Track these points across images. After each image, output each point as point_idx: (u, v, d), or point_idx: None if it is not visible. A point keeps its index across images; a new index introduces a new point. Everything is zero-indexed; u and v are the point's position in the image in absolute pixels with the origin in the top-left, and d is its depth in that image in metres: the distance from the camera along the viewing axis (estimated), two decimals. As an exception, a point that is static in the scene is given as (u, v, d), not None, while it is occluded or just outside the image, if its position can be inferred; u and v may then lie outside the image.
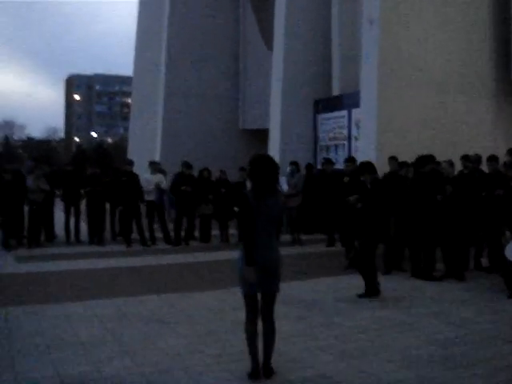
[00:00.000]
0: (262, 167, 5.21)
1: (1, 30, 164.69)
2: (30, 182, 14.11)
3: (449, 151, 11.91)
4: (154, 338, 6.51)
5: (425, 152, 10.48)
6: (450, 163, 10.92)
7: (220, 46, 26.26)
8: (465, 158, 11.05)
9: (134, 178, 14.64)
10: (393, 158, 11.83)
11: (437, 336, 6.51)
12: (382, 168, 12.15)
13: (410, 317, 7.39)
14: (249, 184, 14.55)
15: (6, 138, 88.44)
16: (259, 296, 5.31)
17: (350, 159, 12.51)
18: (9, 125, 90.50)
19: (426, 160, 10.07)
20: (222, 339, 6.44)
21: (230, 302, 8.11)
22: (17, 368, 5.55)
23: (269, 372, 5.27)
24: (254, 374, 5.23)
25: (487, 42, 17.03)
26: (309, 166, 16.13)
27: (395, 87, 15.28)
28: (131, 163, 15.29)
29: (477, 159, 11.07)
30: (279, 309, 5.65)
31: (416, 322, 7.16)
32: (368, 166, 8.82)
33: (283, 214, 5.28)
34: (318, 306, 8.03)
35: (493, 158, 10.47)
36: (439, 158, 11.08)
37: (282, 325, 5.80)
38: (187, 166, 15.19)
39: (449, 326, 6.97)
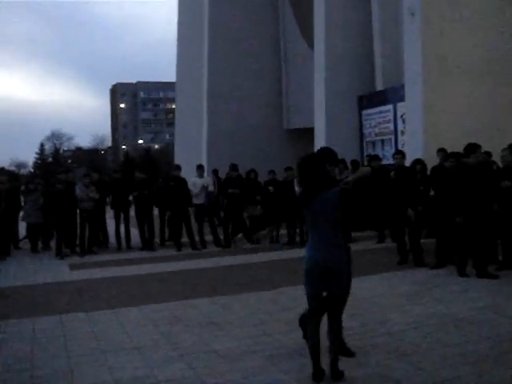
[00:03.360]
0: (306, 168, 5.14)
1: (46, 42, 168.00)
2: (79, 190, 14.32)
3: (497, 141, 11.59)
4: (208, 340, 6.52)
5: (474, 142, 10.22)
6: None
7: (260, 47, 26.29)
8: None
9: (182, 182, 14.72)
10: (441, 150, 11.62)
11: (494, 330, 6.36)
12: (431, 161, 11.98)
13: (465, 311, 7.24)
14: (296, 183, 14.52)
15: (56, 149, 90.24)
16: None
17: (399, 152, 12.29)
18: (57, 136, 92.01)
19: (471, 149, 9.63)
20: (275, 340, 6.41)
21: (282, 303, 8.12)
22: (74, 374, 5.63)
23: (337, 375, 5.09)
24: (316, 378, 5.07)
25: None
26: (354, 163, 15.86)
27: (440, 78, 15.01)
28: (179, 168, 15.38)
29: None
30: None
31: (472, 316, 7.00)
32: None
33: (341, 210, 5.10)
34: (372, 302, 7.94)
35: None
36: (489, 148, 10.84)
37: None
38: (233, 168, 15.26)
39: (505, 319, 6.81)
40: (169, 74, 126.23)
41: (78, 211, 14.57)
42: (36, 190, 15.69)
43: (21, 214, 16.06)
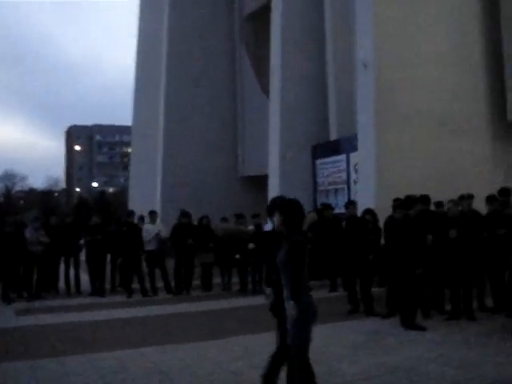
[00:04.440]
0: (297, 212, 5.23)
1: None
2: (29, 234, 14.07)
3: (448, 191, 11.78)
4: (154, 390, 6.38)
5: (425, 192, 10.48)
6: (456, 203, 10.52)
7: (217, 95, 26.55)
8: (460, 199, 10.73)
9: (135, 228, 14.60)
10: (396, 201, 11.76)
11: (442, 380, 6.37)
12: (383, 211, 12.07)
13: (414, 362, 7.25)
14: (252, 229, 14.42)
15: (7, 189, 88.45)
16: None
17: (350, 202, 12.44)
18: (9, 175, 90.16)
19: (414, 201, 9.96)
20: (223, 390, 6.31)
21: (231, 352, 8.00)
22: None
23: None
24: None
25: (484, 82, 17.13)
26: (318, 211, 15.55)
27: (392, 129, 15.32)
28: (132, 214, 15.30)
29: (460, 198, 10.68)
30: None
31: (420, 366, 7.01)
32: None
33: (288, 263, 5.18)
34: (321, 353, 7.88)
35: (493, 198, 10.36)
36: (438, 198, 11.01)
37: (282, 374, 5.67)
38: (184, 214, 15.17)
39: (453, 369, 6.84)
40: (125, 118, 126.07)
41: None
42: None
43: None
